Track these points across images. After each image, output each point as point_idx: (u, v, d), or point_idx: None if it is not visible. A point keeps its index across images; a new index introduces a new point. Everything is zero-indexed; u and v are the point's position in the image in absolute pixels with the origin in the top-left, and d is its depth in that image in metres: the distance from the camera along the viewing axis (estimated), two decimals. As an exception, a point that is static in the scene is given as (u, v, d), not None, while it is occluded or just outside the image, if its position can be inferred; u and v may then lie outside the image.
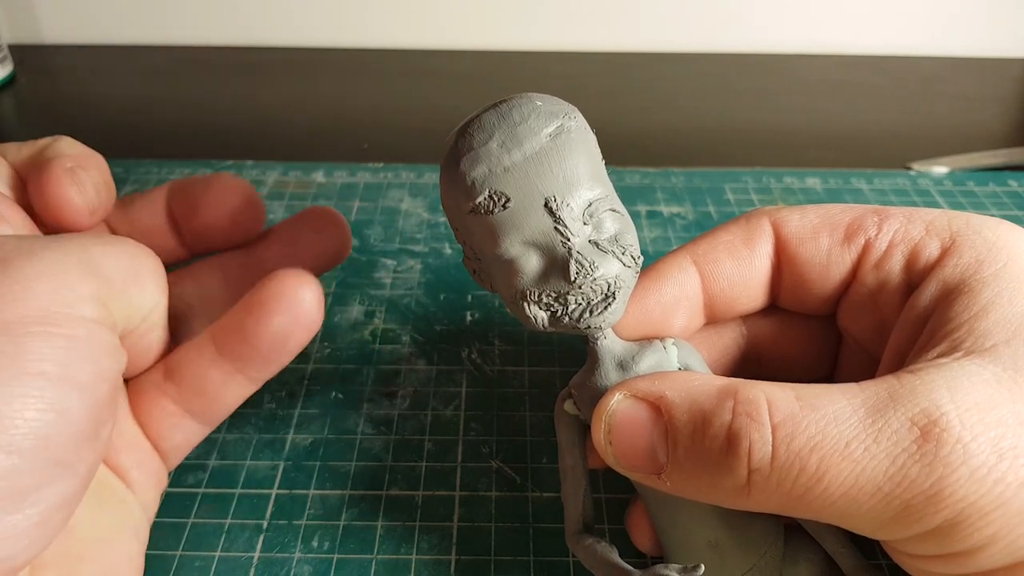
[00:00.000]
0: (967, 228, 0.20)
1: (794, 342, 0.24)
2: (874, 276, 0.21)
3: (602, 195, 0.20)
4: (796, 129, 0.52)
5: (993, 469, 0.15)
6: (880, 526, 0.17)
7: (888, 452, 0.16)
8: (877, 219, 0.22)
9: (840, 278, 0.22)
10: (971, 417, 0.16)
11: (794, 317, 0.24)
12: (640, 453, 0.19)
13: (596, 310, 0.20)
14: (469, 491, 0.27)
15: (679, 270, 0.22)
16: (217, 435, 0.29)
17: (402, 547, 0.25)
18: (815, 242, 0.22)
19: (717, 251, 0.23)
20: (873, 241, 0.21)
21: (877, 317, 0.22)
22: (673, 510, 0.21)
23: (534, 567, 0.25)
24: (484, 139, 0.19)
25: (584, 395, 0.21)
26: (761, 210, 0.23)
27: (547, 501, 0.27)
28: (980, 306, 0.18)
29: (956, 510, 0.16)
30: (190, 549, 0.25)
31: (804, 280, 0.22)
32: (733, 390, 0.18)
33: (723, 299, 0.23)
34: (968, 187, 0.43)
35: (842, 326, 0.23)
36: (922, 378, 0.17)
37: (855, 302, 0.22)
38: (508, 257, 0.19)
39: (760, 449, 0.17)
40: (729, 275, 0.22)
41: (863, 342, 0.23)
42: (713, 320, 0.24)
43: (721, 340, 0.24)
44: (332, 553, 0.25)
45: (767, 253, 0.23)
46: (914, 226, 0.21)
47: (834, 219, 0.22)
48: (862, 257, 0.22)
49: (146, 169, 0.44)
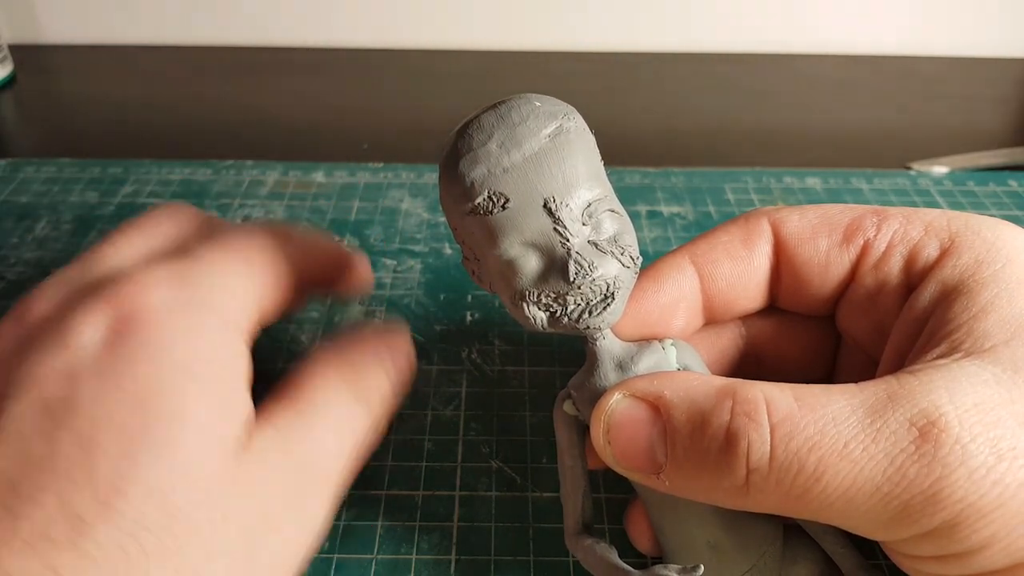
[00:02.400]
0: (966, 229, 0.20)
1: (793, 343, 0.24)
2: (873, 277, 0.21)
3: (601, 196, 0.20)
4: (796, 129, 0.52)
5: (992, 470, 0.15)
6: (879, 527, 0.17)
7: (887, 452, 0.16)
8: (876, 220, 0.22)
9: (839, 279, 0.22)
10: (970, 418, 0.16)
11: (793, 318, 0.24)
12: (639, 453, 0.19)
13: (595, 310, 0.20)
14: (469, 491, 0.27)
15: (678, 271, 0.22)
16: (217, 435, 0.29)
17: (402, 547, 0.25)
18: (814, 243, 0.22)
19: (716, 252, 0.22)
20: (872, 242, 0.21)
21: (876, 318, 0.22)
22: (672, 510, 0.21)
23: (534, 567, 0.25)
24: (483, 140, 0.19)
25: (583, 395, 0.21)
26: (760, 210, 0.23)
27: (547, 501, 0.27)
28: (979, 307, 0.18)
29: (955, 511, 0.15)
30: (190, 549, 0.25)
31: (803, 281, 0.22)
32: (732, 390, 0.18)
33: (722, 300, 0.23)
34: (968, 187, 0.43)
35: (841, 327, 0.23)
36: (921, 379, 0.17)
37: (854, 303, 0.22)
38: (507, 258, 0.19)
39: (758, 449, 0.17)
40: (728, 276, 0.22)
41: (862, 343, 0.23)
42: (712, 321, 0.24)
43: (720, 341, 0.24)
44: (332, 553, 0.25)
45: (766, 253, 0.22)
46: (913, 227, 0.21)
47: (833, 219, 0.22)
48: (861, 258, 0.22)
49: (146, 169, 0.44)
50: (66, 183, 0.43)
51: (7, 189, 0.43)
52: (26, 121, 0.53)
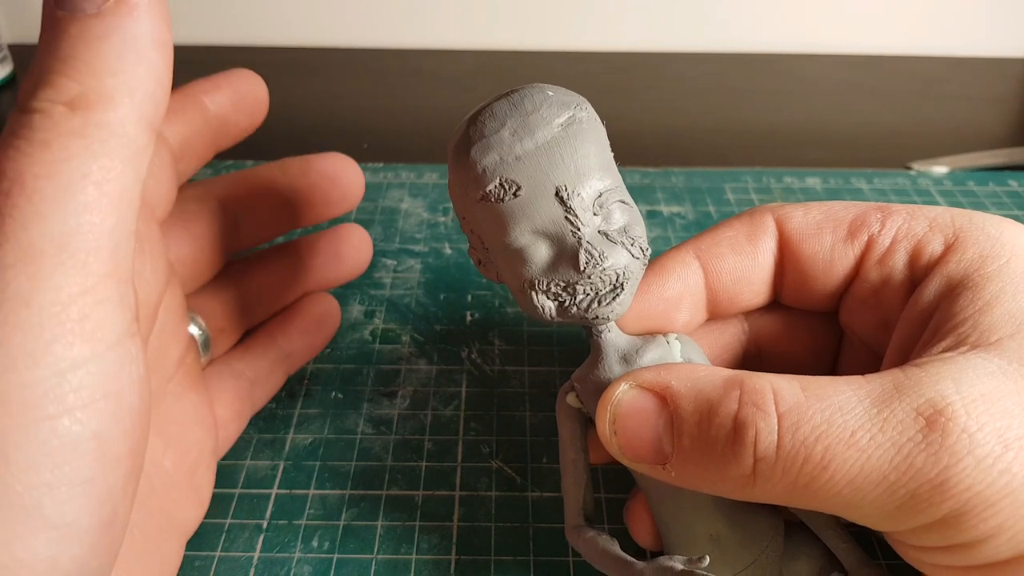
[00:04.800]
0: (970, 224, 0.20)
1: (796, 338, 0.24)
2: (877, 272, 0.21)
3: (612, 186, 0.20)
4: (796, 129, 0.52)
5: (999, 459, 0.15)
6: (885, 516, 0.17)
7: (894, 441, 0.16)
8: (880, 215, 0.22)
9: (843, 275, 0.22)
10: (977, 407, 0.16)
11: (796, 314, 0.24)
12: (645, 443, 0.19)
13: (604, 300, 0.20)
14: (469, 491, 0.27)
15: (682, 265, 0.22)
16: (217, 435, 0.29)
17: (402, 547, 0.25)
18: (818, 238, 0.22)
19: (720, 246, 0.23)
20: (876, 237, 0.21)
21: (880, 313, 0.22)
22: (675, 503, 0.21)
23: (534, 567, 0.25)
24: (496, 127, 0.19)
25: (587, 387, 0.21)
26: (764, 207, 0.23)
27: (547, 501, 0.27)
28: (984, 301, 0.18)
29: (962, 500, 0.16)
30: (190, 549, 0.25)
31: (807, 276, 0.22)
32: (739, 380, 0.18)
33: (726, 294, 0.23)
34: (968, 187, 0.43)
35: (844, 323, 0.23)
36: (927, 370, 0.17)
37: (858, 298, 0.22)
38: (517, 246, 0.19)
39: (766, 438, 0.17)
40: (732, 270, 0.22)
41: (866, 338, 0.23)
42: (715, 316, 0.24)
43: (723, 336, 0.24)
44: (332, 553, 0.25)
45: (770, 249, 0.23)
46: (917, 222, 0.21)
47: (837, 216, 0.22)
48: (865, 253, 0.22)
49: (146, 169, 0.44)
50: (66, 183, 0.43)
51: (7, 189, 0.43)
52: (26, 121, 0.53)
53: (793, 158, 0.48)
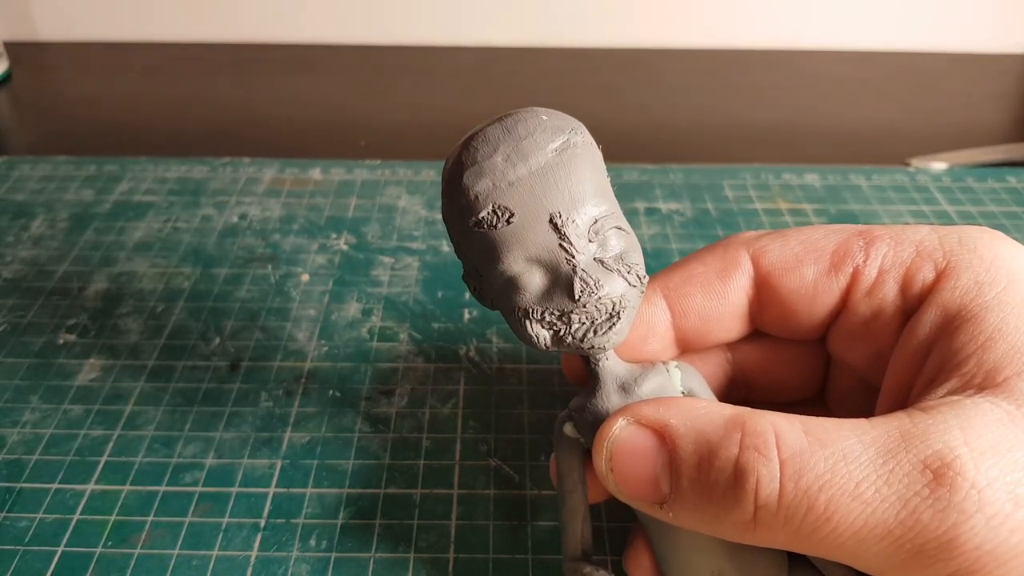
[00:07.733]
0: (960, 247, 0.20)
1: (782, 365, 0.24)
2: (867, 304, 0.21)
3: (608, 212, 0.19)
4: (795, 125, 0.52)
5: (1009, 517, 0.15)
6: (890, 569, 0.16)
7: (900, 495, 0.15)
8: (863, 243, 0.21)
9: (829, 307, 0.21)
10: (985, 461, 0.15)
11: (780, 342, 0.24)
12: (643, 482, 0.18)
13: (600, 330, 0.19)
14: (467, 489, 0.27)
15: (648, 304, 0.22)
16: (214, 433, 0.28)
17: (400, 545, 0.25)
18: (799, 272, 0.21)
19: (689, 285, 0.22)
20: (862, 269, 0.21)
21: (872, 345, 0.21)
22: (676, 539, 0.20)
23: (532, 565, 0.25)
24: (488, 152, 0.19)
25: (585, 419, 0.21)
26: (738, 238, 0.23)
27: (545, 499, 0.26)
28: (987, 335, 0.18)
29: (971, 558, 0.15)
30: (187, 548, 0.25)
31: (790, 310, 0.22)
32: (741, 421, 0.17)
33: (695, 333, 0.22)
34: (967, 183, 0.43)
35: (833, 352, 0.23)
36: (935, 417, 0.16)
37: (847, 330, 0.22)
38: (510, 274, 0.19)
39: (767, 485, 0.16)
40: (700, 311, 0.22)
41: (857, 368, 0.22)
42: (686, 351, 0.23)
43: (705, 366, 0.24)
44: (330, 552, 0.25)
45: (743, 287, 0.22)
46: (903, 248, 0.20)
47: (817, 245, 0.21)
48: (852, 285, 0.21)
49: (142, 167, 0.44)
50: (62, 181, 0.43)
51: (3, 187, 0.43)
52: (22, 118, 0.53)
53: (792, 155, 0.48)
